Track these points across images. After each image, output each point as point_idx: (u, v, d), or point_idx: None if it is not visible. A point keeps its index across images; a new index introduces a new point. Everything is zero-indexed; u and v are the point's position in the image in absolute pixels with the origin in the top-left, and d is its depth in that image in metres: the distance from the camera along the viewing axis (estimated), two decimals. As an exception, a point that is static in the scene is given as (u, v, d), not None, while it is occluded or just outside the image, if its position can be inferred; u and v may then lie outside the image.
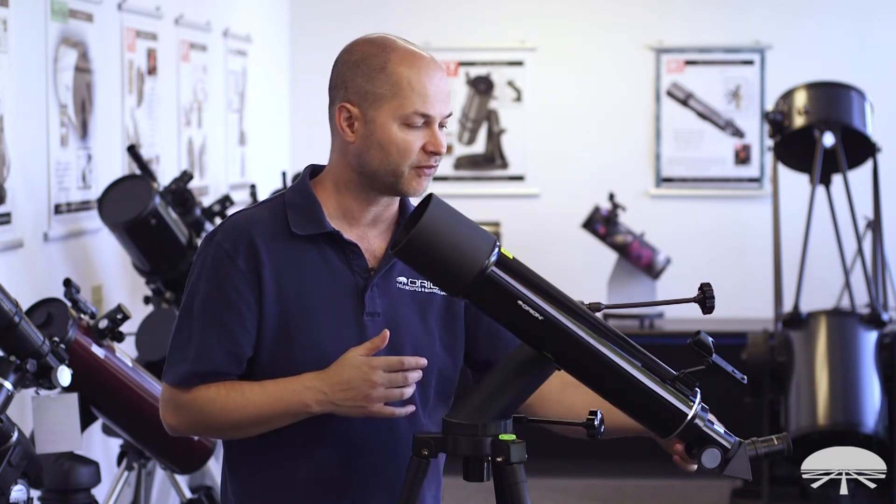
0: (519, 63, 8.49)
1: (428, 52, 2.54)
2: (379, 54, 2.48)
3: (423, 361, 2.43)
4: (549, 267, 3.68)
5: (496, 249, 2.29)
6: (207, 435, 2.56)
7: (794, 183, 7.21)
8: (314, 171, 2.59)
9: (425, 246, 2.26)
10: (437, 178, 8.34)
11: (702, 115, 8.41)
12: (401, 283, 2.54)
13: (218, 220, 5.32)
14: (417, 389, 2.50)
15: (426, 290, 2.55)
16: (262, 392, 2.45)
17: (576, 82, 8.49)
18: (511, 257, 2.32)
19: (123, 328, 3.73)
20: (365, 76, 2.48)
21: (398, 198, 2.57)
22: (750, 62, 8.38)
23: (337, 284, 2.50)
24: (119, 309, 3.70)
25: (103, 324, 3.68)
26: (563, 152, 8.46)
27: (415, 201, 2.47)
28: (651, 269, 7.53)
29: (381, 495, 2.51)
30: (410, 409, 2.46)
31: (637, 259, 7.53)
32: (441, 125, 2.50)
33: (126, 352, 3.84)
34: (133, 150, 5.09)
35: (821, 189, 6.60)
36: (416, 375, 2.42)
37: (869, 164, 6.70)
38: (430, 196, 2.30)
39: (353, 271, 2.51)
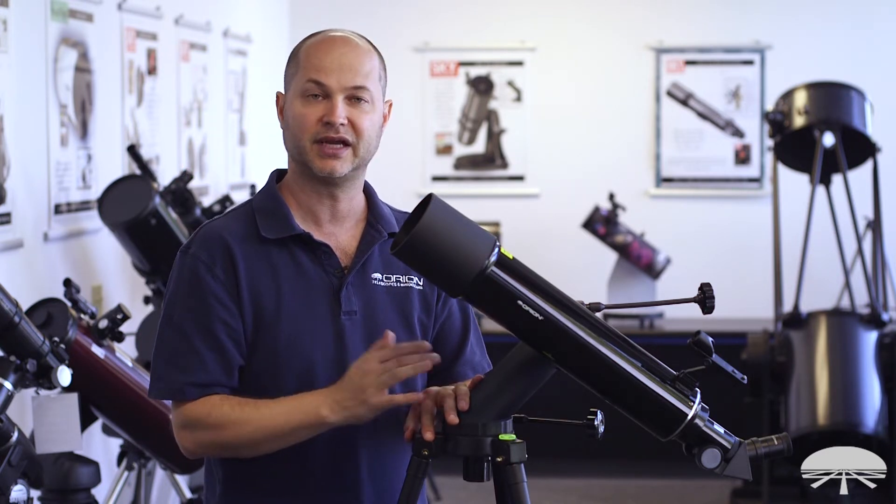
0: (519, 63, 8.48)
1: (356, 35, 2.52)
2: (300, 42, 2.53)
3: (427, 346, 2.41)
4: (549, 267, 3.68)
5: (496, 249, 2.29)
6: (222, 453, 2.48)
7: (794, 183, 7.21)
8: (280, 175, 2.58)
9: (425, 246, 2.26)
10: (437, 178, 8.45)
11: (702, 115, 8.40)
12: (376, 279, 2.52)
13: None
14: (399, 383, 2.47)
15: (402, 285, 2.53)
16: (277, 405, 2.40)
17: (576, 82, 8.48)
18: (511, 257, 2.32)
19: (123, 328, 3.73)
20: (288, 64, 2.53)
21: (361, 192, 2.56)
22: (750, 62, 8.37)
23: (311, 286, 2.48)
24: (119, 309, 3.70)
25: (103, 324, 3.68)
26: (563, 152, 8.46)
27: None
28: (651, 269, 7.53)
29: (371, 488, 2.49)
30: (414, 396, 2.40)
31: (637, 259, 7.52)
32: (357, 98, 2.47)
33: (126, 352, 3.84)
34: (133, 150, 5.09)
35: (821, 189, 6.59)
36: (410, 364, 2.37)
37: (869, 164, 6.69)
38: (429, 196, 2.29)
39: (326, 272, 2.49)
